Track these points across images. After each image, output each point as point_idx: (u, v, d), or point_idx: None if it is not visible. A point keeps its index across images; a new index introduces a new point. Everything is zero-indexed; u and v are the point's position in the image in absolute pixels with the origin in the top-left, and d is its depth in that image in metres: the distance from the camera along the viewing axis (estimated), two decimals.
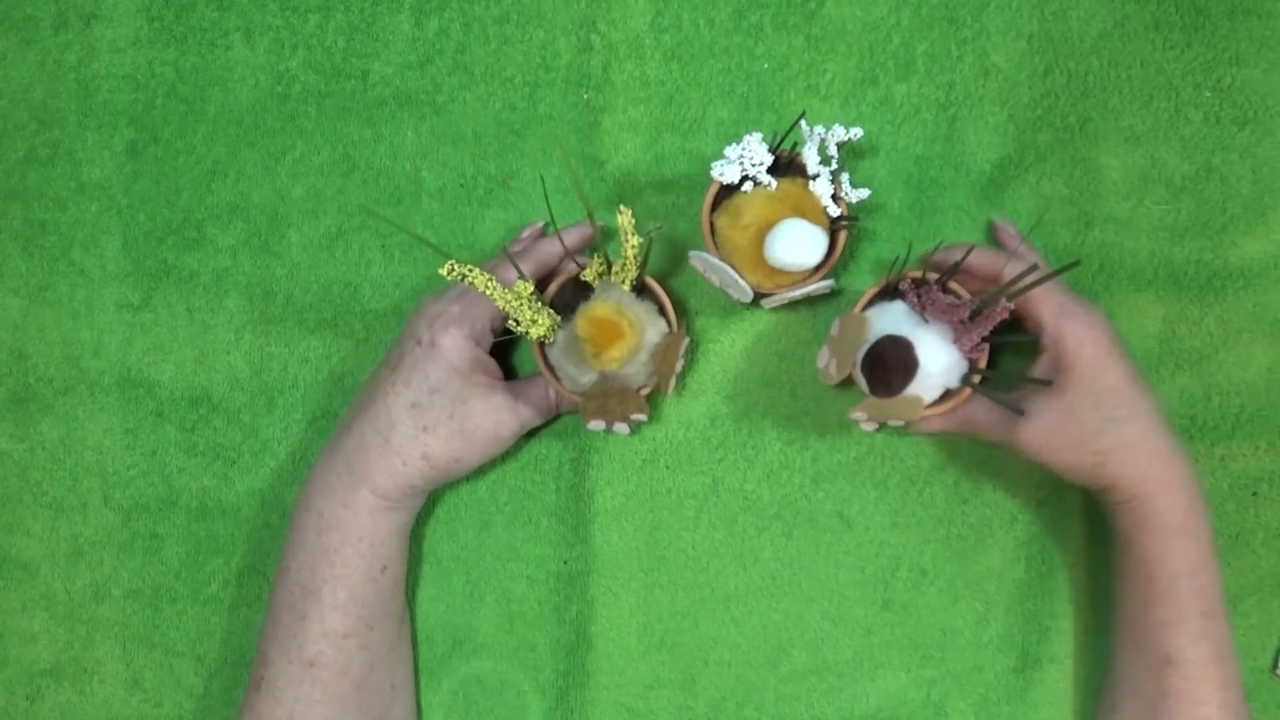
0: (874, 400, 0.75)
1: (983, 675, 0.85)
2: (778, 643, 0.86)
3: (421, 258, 0.89)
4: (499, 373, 0.83)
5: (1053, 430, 0.76)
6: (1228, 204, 0.85)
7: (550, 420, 0.86)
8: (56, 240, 0.91)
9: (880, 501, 0.86)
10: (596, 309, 0.75)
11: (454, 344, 0.78)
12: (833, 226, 0.79)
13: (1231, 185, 0.85)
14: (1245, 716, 0.77)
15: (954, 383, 0.76)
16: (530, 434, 0.87)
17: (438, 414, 0.78)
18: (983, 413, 0.79)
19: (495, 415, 0.79)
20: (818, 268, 0.79)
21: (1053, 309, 0.77)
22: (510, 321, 0.77)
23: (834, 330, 0.79)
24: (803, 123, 0.79)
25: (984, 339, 0.75)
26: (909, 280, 0.77)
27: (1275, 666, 0.85)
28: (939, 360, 0.75)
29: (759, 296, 0.82)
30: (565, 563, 0.87)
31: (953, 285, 0.77)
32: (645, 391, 0.79)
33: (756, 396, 0.87)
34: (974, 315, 0.75)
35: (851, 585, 0.86)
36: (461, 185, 0.89)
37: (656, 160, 0.88)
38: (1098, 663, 0.84)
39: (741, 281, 0.79)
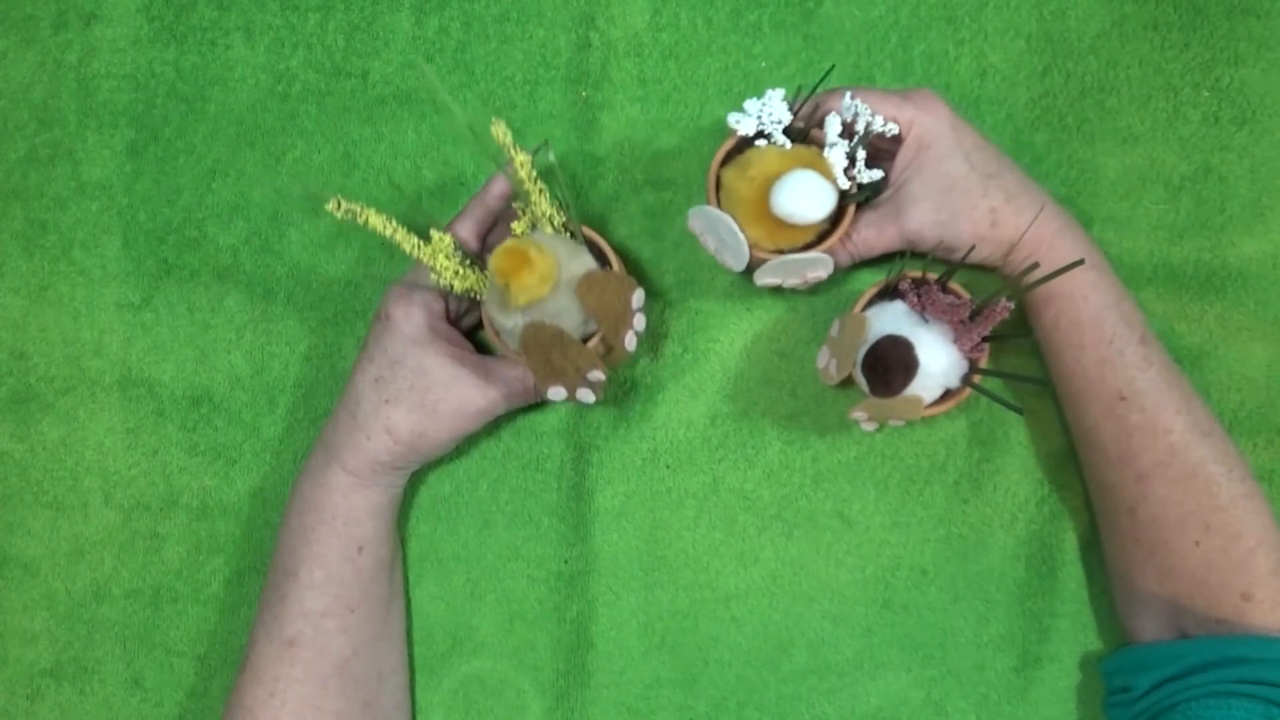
0: (874, 400, 0.75)
1: (983, 674, 0.85)
2: (778, 642, 0.86)
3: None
4: (466, 345, 0.82)
5: (939, 205, 0.76)
6: (1226, 203, 0.86)
7: (530, 403, 0.84)
8: (57, 240, 0.91)
9: (880, 501, 0.86)
10: (506, 243, 0.74)
11: (405, 314, 0.78)
12: (841, 201, 0.77)
13: (1230, 185, 0.86)
14: (1215, 429, 0.76)
15: (954, 382, 0.76)
16: (531, 432, 0.88)
17: (399, 386, 0.78)
18: (866, 229, 0.79)
19: (460, 389, 0.78)
20: (821, 239, 0.78)
21: (895, 101, 0.77)
22: (432, 275, 0.76)
23: (834, 330, 0.79)
24: (847, 95, 0.77)
25: (984, 338, 0.75)
26: (909, 280, 0.77)
27: None
28: (939, 360, 0.75)
29: (751, 269, 0.79)
30: (566, 562, 0.87)
31: (952, 285, 0.77)
32: (594, 344, 0.77)
33: (757, 396, 0.87)
34: (974, 315, 0.75)
35: (852, 585, 0.86)
36: (462, 184, 0.89)
37: (654, 158, 0.89)
38: (1098, 661, 0.84)
39: (740, 235, 0.76)
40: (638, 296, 0.76)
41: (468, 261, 0.77)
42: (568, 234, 0.79)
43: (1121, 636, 0.83)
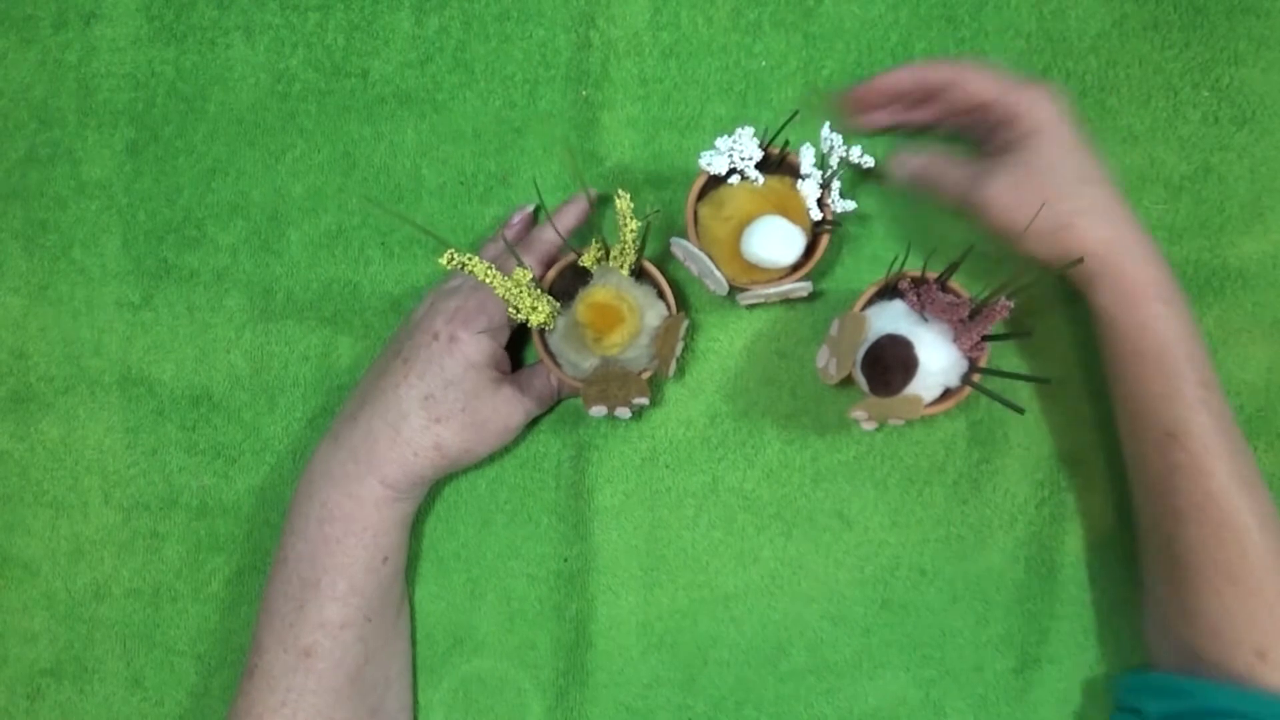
0: (874, 399, 0.75)
1: (982, 675, 0.85)
2: (777, 642, 0.86)
3: (422, 254, 0.89)
4: (509, 366, 0.84)
5: (1022, 187, 0.74)
6: (1226, 204, 0.85)
7: (552, 406, 0.87)
8: (57, 239, 0.91)
9: (880, 501, 0.86)
10: (596, 294, 0.75)
11: (474, 339, 0.78)
12: (816, 230, 0.80)
13: (1229, 185, 0.86)
14: (1258, 482, 0.75)
15: (954, 381, 0.76)
16: (530, 429, 0.88)
17: (450, 406, 0.78)
18: (949, 168, 0.78)
19: (505, 408, 0.80)
20: (796, 268, 0.80)
21: (1000, 85, 0.77)
22: (510, 309, 0.77)
23: (833, 330, 0.79)
24: (826, 126, 0.79)
25: (984, 338, 0.75)
26: (908, 279, 0.77)
27: None
28: (939, 359, 0.75)
29: (734, 291, 0.82)
30: (565, 561, 0.87)
31: (952, 284, 0.77)
32: (646, 375, 0.79)
33: (756, 395, 0.87)
34: (973, 314, 0.75)
35: (851, 585, 0.86)
36: (462, 183, 0.89)
37: (654, 157, 0.89)
38: (1097, 663, 0.84)
39: (717, 273, 0.79)
40: (685, 328, 0.80)
41: (541, 294, 0.78)
42: (632, 272, 0.81)
43: (1127, 646, 0.84)
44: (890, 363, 0.73)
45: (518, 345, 0.88)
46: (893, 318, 0.76)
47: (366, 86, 0.91)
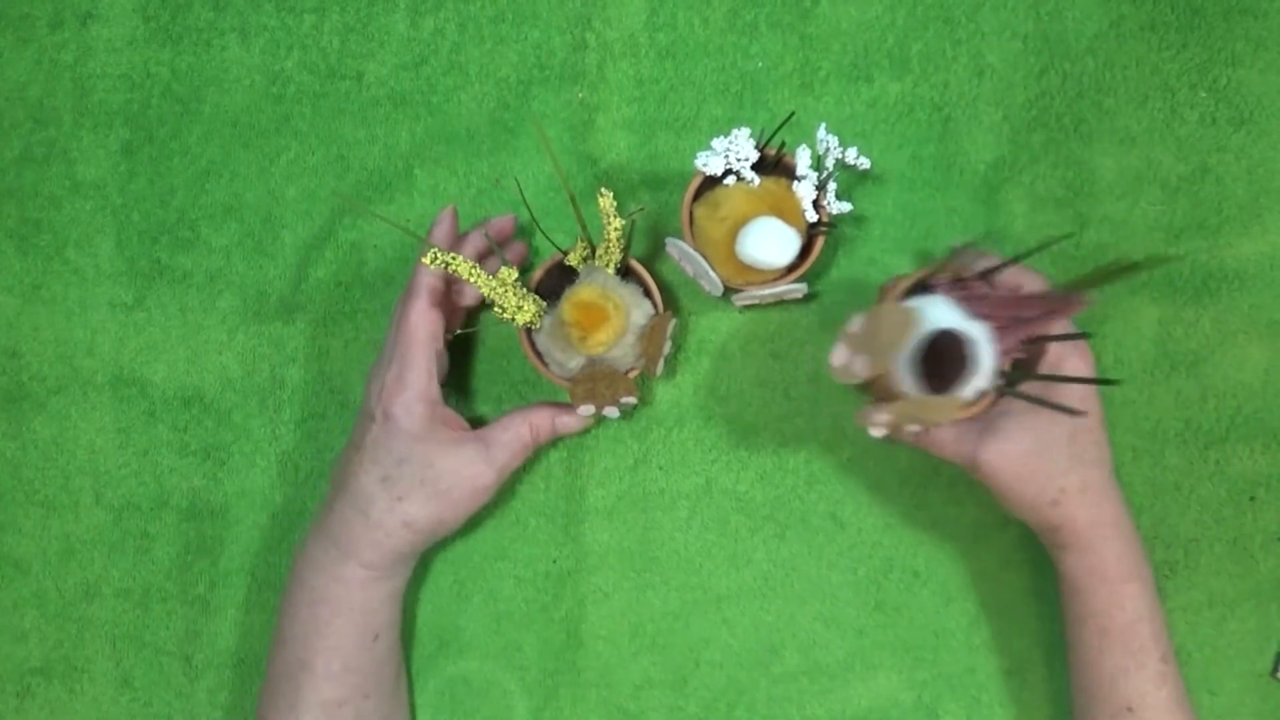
0: (909, 400, 0.70)
1: (975, 677, 0.84)
2: (770, 644, 0.86)
3: (414, 258, 0.89)
4: (462, 423, 0.82)
5: (1021, 458, 0.74)
6: (1223, 205, 0.85)
7: (532, 456, 0.85)
8: (51, 239, 0.91)
9: (874, 503, 0.86)
10: (581, 293, 0.75)
11: (405, 410, 0.77)
12: (811, 232, 0.79)
13: (1227, 186, 0.85)
14: None
15: (989, 385, 0.73)
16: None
17: (409, 482, 0.77)
18: (948, 431, 0.77)
19: (468, 469, 0.79)
20: (791, 270, 0.79)
21: (1059, 327, 0.75)
22: (496, 308, 0.77)
23: (855, 326, 0.75)
24: (823, 127, 0.79)
25: (1040, 338, 0.72)
26: (949, 275, 0.75)
27: (1275, 670, 0.84)
28: (988, 359, 0.72)
29: (729, 291, 0.82)
30: (554, 562, 0.87)
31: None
32: (634, 374, 0.79)
33: (750, 397, 0.87)
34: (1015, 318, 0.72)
35: (844, 586, 0.86)
36: (454, 185, 0.89)
37: (650, 158, 0.89)
38: None
39: (712, 274, 0.79)
40: (673, 327, 0.79)
41: (526, 293, 0.78)
42: (618, 270, 0.80)
43: None
44: (952, 358, 0.68)
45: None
46: (940, 313, 0.73)
47: (361, 89, 0.91)
